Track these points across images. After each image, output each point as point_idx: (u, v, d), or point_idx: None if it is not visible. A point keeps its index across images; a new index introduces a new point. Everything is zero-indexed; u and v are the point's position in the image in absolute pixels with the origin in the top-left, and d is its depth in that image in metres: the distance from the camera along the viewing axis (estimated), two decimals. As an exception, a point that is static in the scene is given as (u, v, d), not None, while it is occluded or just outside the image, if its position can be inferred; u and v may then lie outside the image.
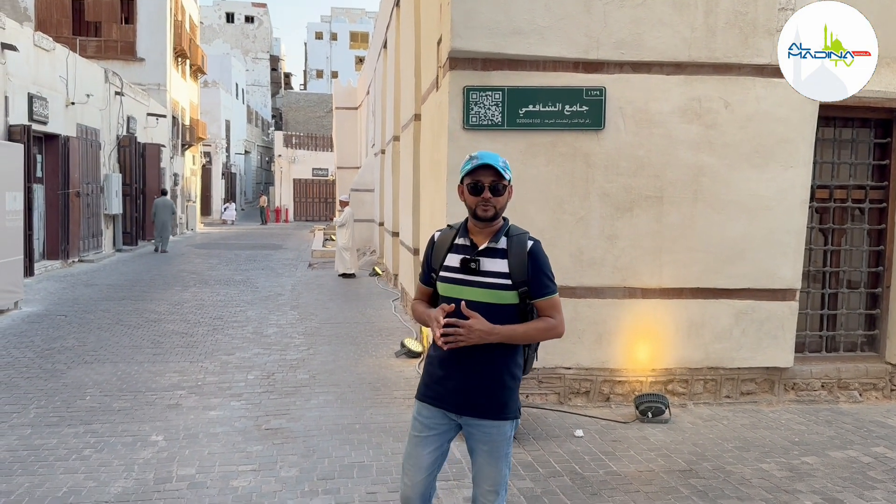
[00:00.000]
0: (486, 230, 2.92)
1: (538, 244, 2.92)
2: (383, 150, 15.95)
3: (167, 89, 25.78)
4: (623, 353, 6.24)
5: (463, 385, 2.86)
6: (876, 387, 6.62)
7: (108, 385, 6.76)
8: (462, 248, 2.93)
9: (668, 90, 6.04)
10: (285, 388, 6.75)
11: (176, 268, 16.81)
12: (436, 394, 2.93)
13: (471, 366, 2.84)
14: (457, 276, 2.90)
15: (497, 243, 2.89)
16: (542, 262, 2.89)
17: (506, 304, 2.84)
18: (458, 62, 5.89)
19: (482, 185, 2.84)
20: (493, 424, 2.87)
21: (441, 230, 3.08)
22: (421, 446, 2.96)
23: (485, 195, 2.84)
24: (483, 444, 2.90)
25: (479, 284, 2.85)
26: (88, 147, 17.47)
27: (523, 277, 2.82)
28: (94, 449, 5.14)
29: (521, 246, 2.86)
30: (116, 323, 9.77)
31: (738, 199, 6.17)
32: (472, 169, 2.86)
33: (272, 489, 4.51)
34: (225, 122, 42.34)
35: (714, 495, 4.50)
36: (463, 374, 2.85)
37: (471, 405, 2.87)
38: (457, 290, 2.88)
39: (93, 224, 17.91)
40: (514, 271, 2.82)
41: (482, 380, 2.85)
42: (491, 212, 2.86)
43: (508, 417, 2.89)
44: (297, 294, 12.98)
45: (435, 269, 2.98)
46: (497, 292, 2.83)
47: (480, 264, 2.85)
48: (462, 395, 2.87)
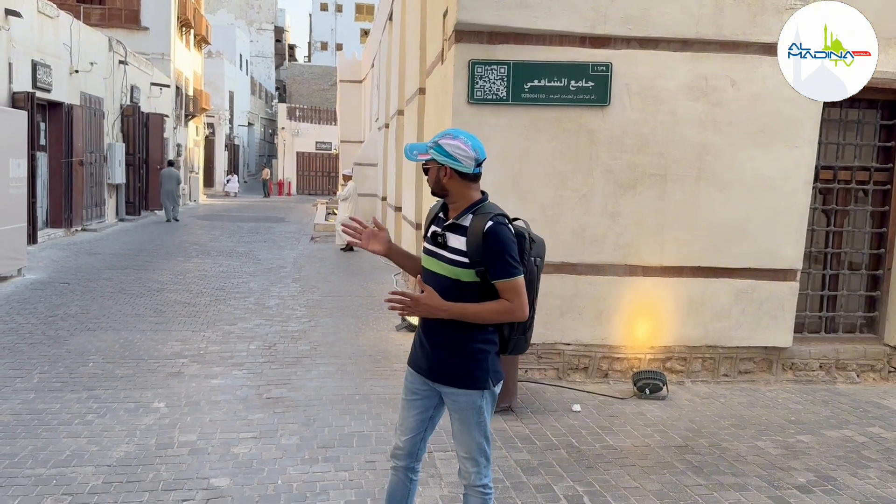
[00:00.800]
0: (455, 206, 2.94)
1: (498, 226, 2.80)
2: (387, 124, 15.90)
3: (171, 59, 25.65)
4: (622, 330, 6.27)
5: (431, 353, 2.94)
6: (873, 368, 6.65)
7: (111, 352, 6.81)
8: (438, 220, 3.00)
9: (675, 67, 6.00)
10: (286, 359, 6.80)
11: (179, 238, 16.84)
12: (415, 359, 3.05)
13: (438, 335, 2.92)
14: (429, 247, 2.98)
15: (462, 220, 2.89)
16: (501, 243, 2.78)
17: (466, 282, 2.85)
18: (464, 35, 5.85)
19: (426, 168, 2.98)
20: (461, 393, 2.91)
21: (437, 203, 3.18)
22: (407, 409, 3.09)
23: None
24: (454, 411, 2.97)
25: (443, 259, 2.89)
26: (92, 116, 17.43)
27: (478, 258, 2.80)
28: (97, 414, 5.19)
29: (479, 226, 2.81)
30: (119, 291, 9.81)
31: (742, 179, 6.16)
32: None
33: (272, 456, 4.56)
34: (228, 94, 42.11)
35: (709, 471, 4.55)
36: (431, 342, 2.94)
37: (438, 373, 2.94)
38: (428, 261, 2.96)
39: (96, 193, 17.92)
40: (469, 250, 2.81)
41: (447, 349, 2.91)
42: (432, 189, 2.97)
43: (476, 387, 2.90)
44: (299, 267, 13.01)
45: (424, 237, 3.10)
46: (455, 269, 2.85)
47: (447, 239, 2.89)
48: (433, 362, 2.95)
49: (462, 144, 2.85)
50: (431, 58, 7.79)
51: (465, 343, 2.89)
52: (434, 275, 2.91)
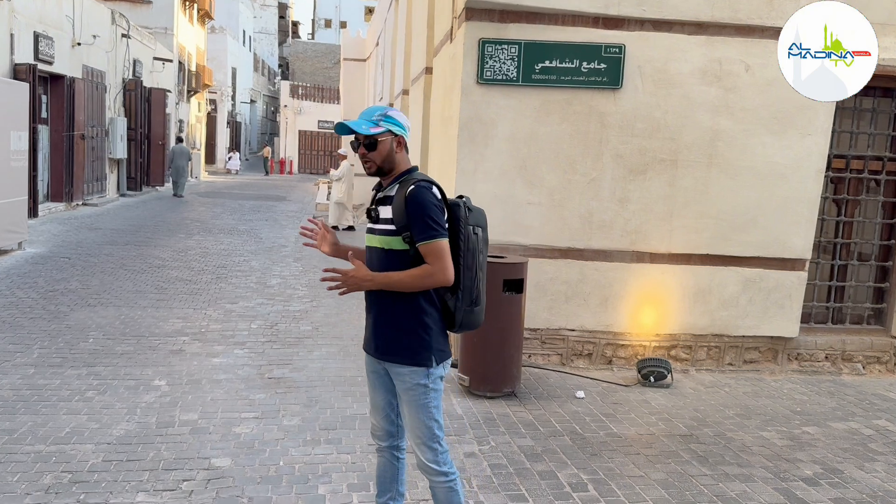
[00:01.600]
0: (386, 179, 2.94)
1: (420, 189, 2.78)
2: (391, 103, 15.75)
3: (174, 33, 25.42)
4: (628, 317, 6.21)
5: (374, 330, 2.93)
6: (880, 360, 6.60)
7: (112, 328, 6.76)
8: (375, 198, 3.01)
9: (689, 50, 5.90)
10: (288, 339, 6.75)
11: (180, 215, 16.76)
12: (365, 340, 3.04)
13: (376, 311, 2.91)
14: (369, 225, 2.98)
15: (390, 190, 2.90)
16: (421, 206, 2.76)
17: (398, 251, 2.84)
18: (475, 13, 5.74)
19: (357, 141, 2.88)
20: (405, 371, 2.86)
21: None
22: (372, 389, 3.09)
23: (360, 152, 2.86)
24: (401, 392, 2.92)
25: (377, 232, 2.91)
26: (94, 89, 17.28)
27: (403, 222, 2.79)
28: (97, 391, 5.15)
29: (401, 192, 2.82)
30: (120, 267, 9.75)
31: (753, 166, 6.08)
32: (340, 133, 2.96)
33: (274, 437, 4.52)
34: (231, 70, 41.83)
35: (714, 461, 4.51)
36: (373, 319, 2.94)
37: (383, 350, 2.91)
38: (368, 238, 2.98)
39: (97, 168, 17.81)
40: (395, 217, 2.81)
41: (388, 326, 2.88)
42: (373, 168, 2.88)
43: (418, 364, 2.84)
44: (300, 246, 12.92)
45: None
46: (386, 238, 2.86)
47: (378, 213, 2.90)
48: (378, 340, 2.93)
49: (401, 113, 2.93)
50: (440, 36, 7.66)
51: (406, 317, 2.86)
52: (372, 250, 2.93)
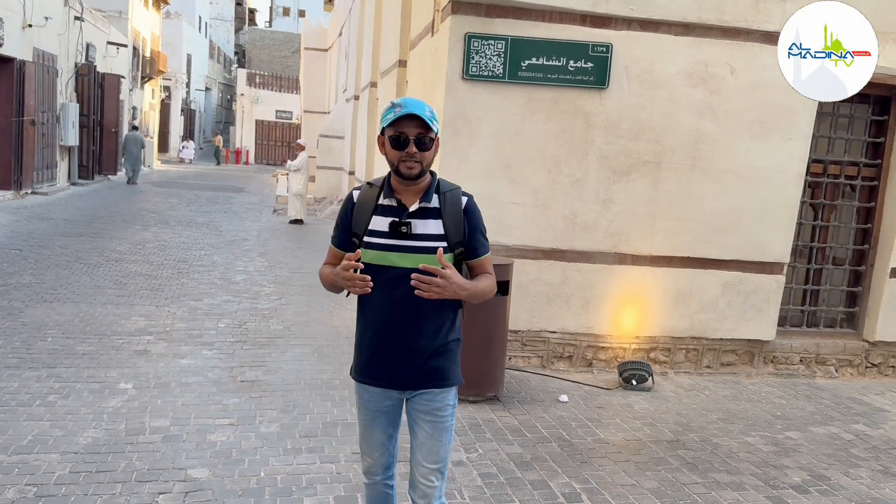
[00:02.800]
0: (413, 188, 2.57)
1: (473, 199, 2.64)
2: (357, 95, 15.49)
3: (129, 17, 24.66)
4: (609, 320, 6.14)
5: (404, 354, 2.57)
6: (852, 363, 6.67)
7: (71, 326, 6.44)
8: (389, 209, 2.56)
9: (675, 51, 5.84)
10: (259, 339, 6.51)
11: (135, 205, 16.24)
12: (374, 372, 2.64)
13: (413, 332, 2.56)
14: (384, 241, 2.54)
15: (429, 202, 2.56)
16: (479, 218, 2.63)
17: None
18: (461, 6, 5.58)
19: (406, 137, 2.47)
20: (438, 393, 2.63)
21: (359, 187, 2.70)
22: (371, 428, 2.74)
23: (409, 149, 2.47)
24: (427, 416, 2.64)
25: (411, 250, 2.52)
26: (45, 73, 16.60)
27: (460, 237, 2.56)
28: (59, 395, 4.86)
29: (455, 203, 2.58)
30: (75, 260, 9.35)
31: (736, 169, 6.06)
32: (396, 119, 2.47)
33: (252, 445, 4.31)
34: (186, 56, 40.80)
35: (704, 468, 4.45)
36: (404, 342, 2.56)
37: (414, 377, 2.60)
38: (385, 257, 2.53)
39: (47, 155, 17.13)
40: (450, 232, 2.54)
41: (426, 345, 2.57)
42: (416, 169, 2.50)
43: (453, 383, 2.66)
44: (263, 240, 12.64)
45: (357, 233, 2.59)
46: (432, 257, 2.49)
47: (412, 227, 2.53)
48: (405, 367, 2.58)
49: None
50: (417, 29, 7.48)
51: (446, 336, 2.62)
52: (395, 270, 2.51)
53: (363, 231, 2.57)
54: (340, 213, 2.70)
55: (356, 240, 2.59)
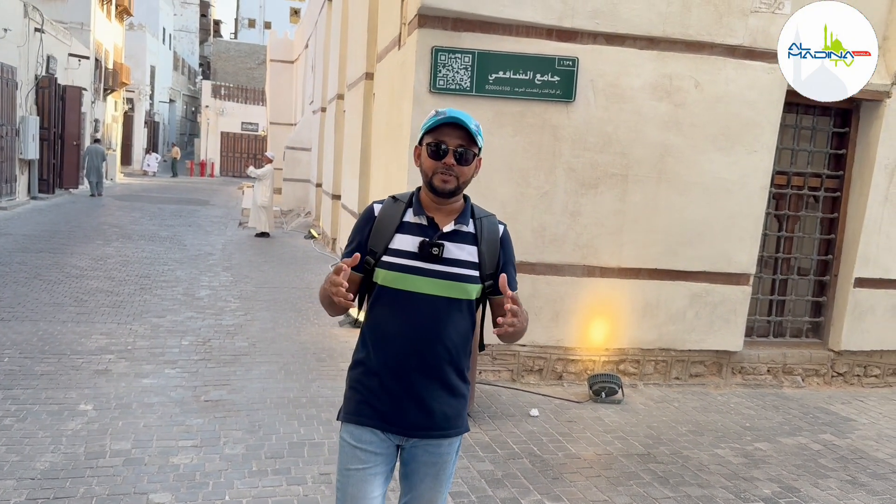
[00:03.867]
0: (447, 208, 2.29)
1: (507, 229, 2.41)
2: (324, 107, 15.40)
3: (91, 29, 24.25)
4: (578, 332, 6.13)
5: (420, 397, 2.25)
6: (818, 373, 6.74)
7: (29, 346, 6.24)
8: (418, 227, 2.27)
9: (641, 65, 5.87)
10: (223, 357, 6.38)
11: (96, 220, 15.91)
12: (380, 414, 2.27)
13: (433, 372, 2.25)
14: (409, 262, 2.23)
15: (465, 225, 2.29)
16: (512, 251, 2.41)
17: (467, 300, 2.28)
18: (427, 20, 5.56)
19: (446, 147, 2.21)
20: (447, 442, 2.33)
21: (380, 201, 2.39)
22: (366, 482, 2.28)
23: (447, 160, 2.20)
24: (430, 466, 2.34)
25: (439, 275, 2.22)
26: (4, 86, 16.22)
27: (493, 269, 2.30)
28: (16, 418, 4.70)
29: (492, 231, 2.33)
30: (34, 277, 9.10)
31: (701, 182, 6.10)
32: (436, 125, 2.22)
33: (217, 468, 4.20)
34: (150, 68, 40.27)
35: (675, 482, 4.44)
36: (421, 385, 2.24)
37: (427, 423, 2.27)
38: (407, 280, 2.23)
39: (6, 169, 16.72)
40: (484, 261, 2.28)
41: (445, 388, 2.27)
42: (452, 184, 2.22)
43: (464, 430, 2.38)
44: (228, 254, 12.45)
45: (375, 250, 2.27)
46: (462, 285, 2.24)
47: (443, 250, 2.23)
48: (417, 411, 2.25)
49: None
50: (384, 42, 7.44)
51: (463, 372, 2.33)
52: (424, 298, 2.23)
53: (382, 249, 2.26)
54: (356, 227, 2.37)
55: (371, 258, 2.28)
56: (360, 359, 2.34)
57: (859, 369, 6.81)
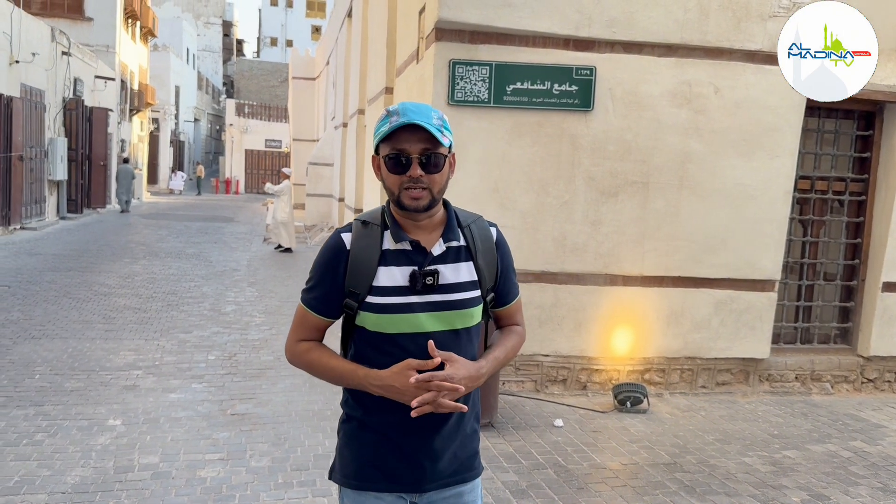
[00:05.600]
0: (428, 223, 1.94)
1: (499, 229, 2.09)
2: (345, 123, 15.53)
3: (116, 51, 24.71)
4: (602, 341, 6.10)
5: (428, 448, 1.94)
6: (847, 379, 6.64)
7: (59, 363, 6.35)
8: (402, 255, 1.91)
9: (659, 73, 5.86)
10: (249, 371, 6.44)
11: (124, 238, 16.16)
12: (386, 475, 1.96)
13: (439, 419, 1.92)
14: (402, 300, 1.88)
15: (455, 240, 1.95)
16: (510, 253, 2.09)
17: (474, 327, 1.99)
18: (445, 34, 5.60)
19: (408, 156, 1.84)
20: (467, 489, 2.05)
21: (348, 228, 1.97)
22: None
23: (413, 172, 1.84)
24: None
25: (438, 307, 1.90)
26: (33, 109, 16.59)
27: (493, 282, 2.01)
28: (47, 433, 4.78)
29: (485, 238, 2.01)
30: (64, 295, 9.26)
31: (723, 188, 6.06)
32: (392, 131, 1.84)
33: (243, 480, 4.24)
34: (175, 88, 40.93)
35: (702, 490, 4.40)
36: (428, 433, 1.93)
37: (442, 473, 1.99)
38: (406, 321, 1.89)
39: (36, 190, 17.07)
40: (483, 276, 1.98)
41: (455, 434, 1.98)
42: (425, 199, 1.86)
43: (480, 471, 2.09)
44: (253, 269, 12.57)
45: (357, 293, 1.90)
46: (466, 312, 1.93)
47: (438, 277, 1.90)
48: (430, 464, 1.95)
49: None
50: (403, 57, 7.51)
51: (472, 419, 2.05)
52: (419, 338, 1.88)
53: (366, 290, 1.89)
54: (320, 264, 1.97)
55: (353, 301, 1.92)
56: (352, 412, 2.01)
57: (890, 375, 6.70)
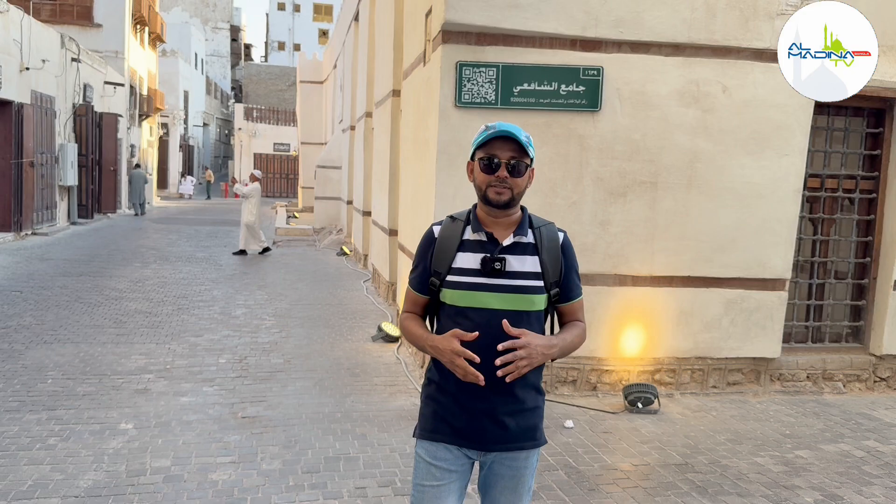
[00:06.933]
0: (504, 220, 2.35)
1: (567, 236, 2.46)
2: (353, 126, 15.56)
3: (125, 57, 24.87)
4: (611, 342, 6.09)
5: (492, 412, 2.30)
6: (859, 378, 6.60)
7: (71, 367, 6.39)
8: (478, 244, 2.33)
9: (666, 72, 5.85)
10: (259, 374, 6.46)
11: (134, 243, 16.24)
12: (456, 430, 2.34)
13: (502, 387, 2.27)
14: (474, 279, 2.30)
15: (524, 236, 2.34)
16: (575, 257, 2.45)
17: (536, 311, 2.33)
18: (451, 35, 5.61)
19: (498, 161, 2.28)
20: (524, 455, 2.38)
21: (439, 223, 2.46)
22: (440, 499, 2.36)
23: (500, 174, 2.28)
24: (509, 479, 2.40)
25: (504, 289, 2.29)
26: (43, 115, 16.72)
27: (557, 277, 2.34)
28: (60, 437, 4.81)
29: (552, 239, 2.37)
30: (75, 300, 9.32)
31: (732, 187, 6.04)
32: (487, 139, 2.29)
33: (254, 483, 4.25)
34: (183, 93, 41.18)
35: (714, 491, 4.38)
36: (492, 398, 2.29)
37: (502, 437, 2.33)
38: (474, 297, 2.29)
39: (47, 196, 17.19)
40: (548, 270, 2.33)
41: (516, 403, 2.32)
42: (506, 195, 2.28)
43: (541, 443, 2.42)
44: (263, 273, 12.61)
45: (439, 271, 2.35)
46: (528, 297, 2.30)
47: (506, 264, 2.29)
48: (491, 426, 2.32)
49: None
50: (410, 59, 7.52)
51: (536, 390, 2.38)
52: (491, 313, 2.27)
53: (446, 270, 2.34)
54: (419, 251, 2.46)
55: (436, 280, 2.37)
56: (432, 377, 2.42)
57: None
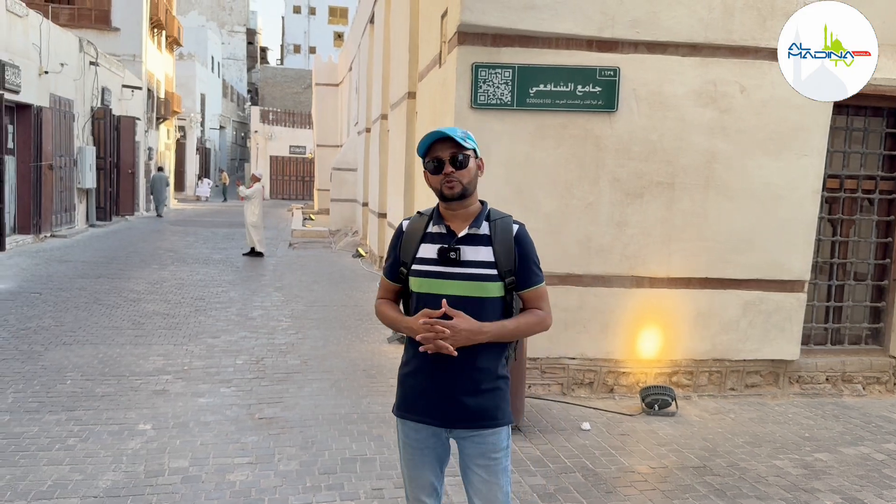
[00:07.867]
0: (462, 213, 2.57)
1: (524, 228, 2.60)
2: (368, 128, 15.60)
3: (143, 61, 25.07)
4: (628, 344, 6.06)
5: (449, 393, 2.50)
6: (879, 380, 6.53)
7: (90, 368, 6.45)
8: (437, 236, 2.57)
9: (683, 72, 5.82)
10: (276, 375, 6.48)
11: (152, 245, 16.36)
12: (419, 408, 2.57)
13: (456, 370, 2.48)
14: (433, 268, 2.53)
15: (478, 229, 2.54)
16: (530, 247, 2.57)
17: (491, 298, 2.52)
18: (467, 37, 5.61)
19: (441, 160, 2.51)
20: (489, 433, 2.54)
21: (409, 218, 2.72)
22: (419, 468, 2.64)
23: (446, 170, 2.50)
24: (480, 459, 2.56)
25: (460, 276, 2.50)
26: (62, 118, 16.88)
27: (510, 266, 2.51)
28: (79, 438, 4.85)
29: (505, 231, 2.54)
30: (94, 302, 9.40)
31: (751, 188, 6.00)
32: (427, 146, 2.53)
33: (272, 484, 4.27)
34: (200, 96, 41.45)
35: (732, 494, 4.35)
36: (447, 380, 2.50)
37: (460, 416, 2.52)
38: (433, 284, 2.52)
39: (66, 198, 17.36)
40: (500, 260, 2.50)
41: (470, 384, 2.50)
42: (457, 188, 2.50)
43: (502, 423, 2.55)
44: (279, 275, 12.66)
45: (405, 261, 2.61)
46: (481, 284, 2.49)
47: (461, 253, 2.50)
48: (449, 406, 2.51)
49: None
50: (426, 61, 7.53)
51: (492, 371, 2.53)
52: (449, 299, 2.47)
53: (411, 259, 2.58)
54: (390, 243, 2.72)
55: (404, 269, 2.61)
56: (404, 359, 2.65)
57: (924, 376, 6.58)
